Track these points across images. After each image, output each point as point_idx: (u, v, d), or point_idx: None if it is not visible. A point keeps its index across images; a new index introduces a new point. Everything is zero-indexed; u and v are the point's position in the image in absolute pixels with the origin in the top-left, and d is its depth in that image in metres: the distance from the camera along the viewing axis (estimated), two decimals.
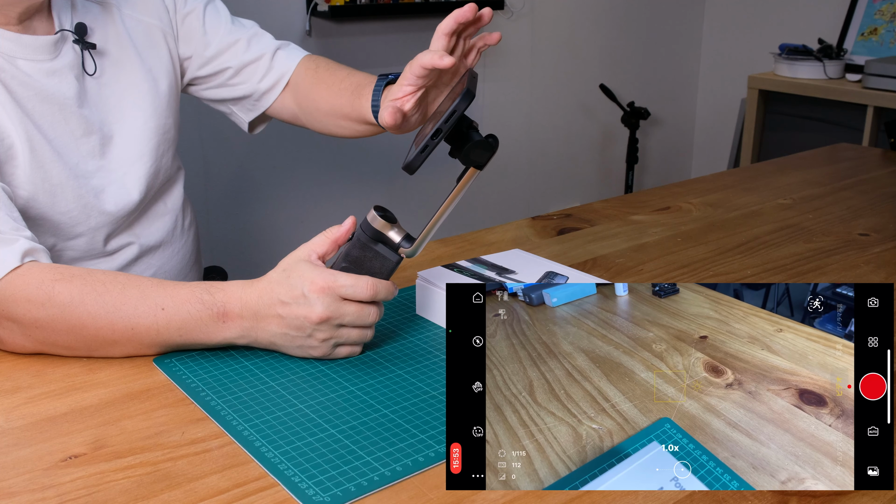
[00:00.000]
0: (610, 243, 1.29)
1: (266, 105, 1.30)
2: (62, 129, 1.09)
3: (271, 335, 0.88)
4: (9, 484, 0.70)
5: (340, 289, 0.86)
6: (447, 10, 2.80)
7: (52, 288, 0.87)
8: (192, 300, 0.87)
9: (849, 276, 1.16)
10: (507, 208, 3.25)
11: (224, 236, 2.59)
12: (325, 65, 1.28)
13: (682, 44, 3.62)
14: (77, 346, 0.89)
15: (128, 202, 1.17)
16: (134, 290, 0.88)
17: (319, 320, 0.85)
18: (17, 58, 1.05)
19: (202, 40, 1.26)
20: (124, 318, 0.87)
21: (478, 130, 0.89)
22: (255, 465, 0.73)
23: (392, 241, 0.90)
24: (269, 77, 1.28)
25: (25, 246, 0.91)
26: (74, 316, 0.87)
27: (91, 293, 0.87)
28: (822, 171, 1.74)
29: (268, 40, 1.29)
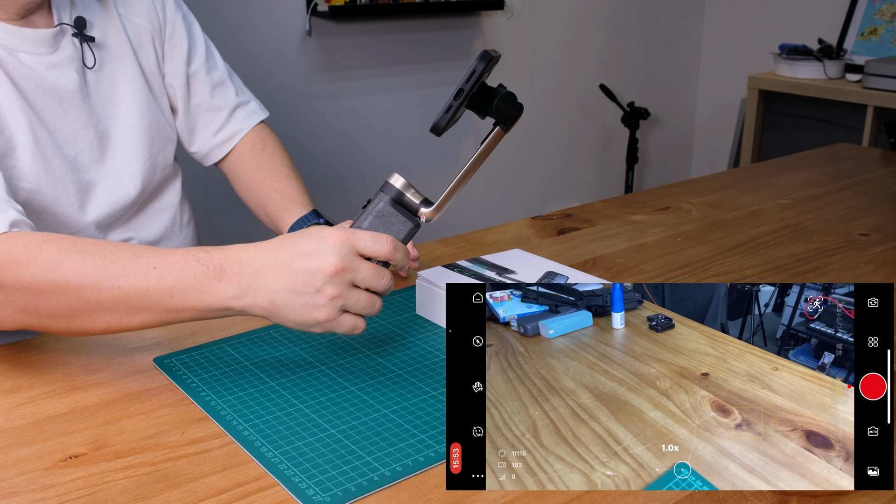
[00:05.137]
0: (610, 243, 1.29)
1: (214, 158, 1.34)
2: (62, 121, 1.10)
3: (273, 292, 0.80)
4: (9, 484, 0.70)
5: (359, 241, 0.81)
6: (447, 10, 2.81)
7: (39, 248, 0.83)
8: (187, 258, 0.82)
9: (849, 276, 1.16)
10: (507, 208, 3.25)
11: (224, 235, 2.59)
12: (270, 151, 1.31)
13: (682, 44, 3.62)
14: (60, 311, 0.83)
15: (124, 196, 1.17)
16: (126, 250, 0.83)
17: (334, 271, 0.79)
18: (18, 51, 1.05)
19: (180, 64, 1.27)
20: (112, 277, 0.81)
21: (504, 87, 0.88)
22: (255, 465, 0.73)
23: (412, 203, 0.87)
24: (222, 132, 1.31)
25: (14, 216, 0.88)
26: (59, 275, 0.81)
27: (79, 252, 0.82)
28: (822, 171, 1.74)
29: (231, 94, 1.31)
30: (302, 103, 2.68)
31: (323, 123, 2.74)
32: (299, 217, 1.18)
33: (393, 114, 2.88)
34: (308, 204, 1.21)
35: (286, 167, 1.28)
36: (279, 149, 1.32)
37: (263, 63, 2.53)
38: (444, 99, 3.41)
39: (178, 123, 1.29)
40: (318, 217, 1.18)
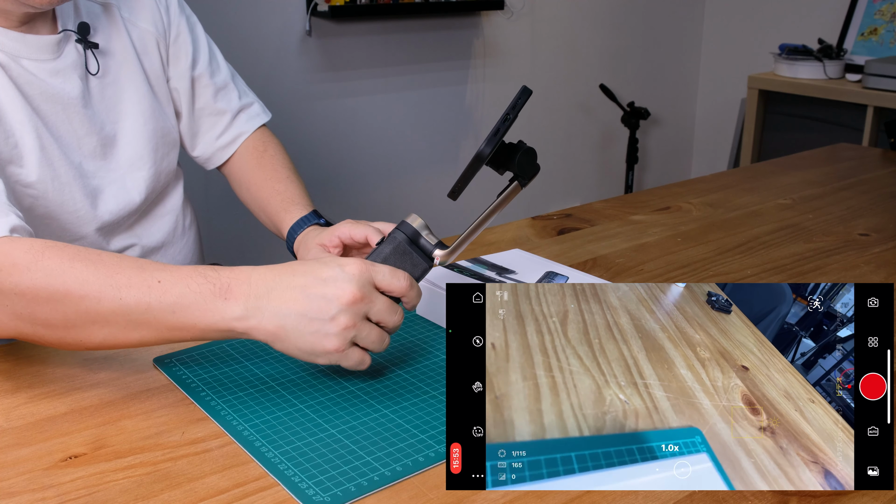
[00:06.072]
0: (610, 243, 1.29)
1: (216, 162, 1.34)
2: (66, 127, 1.09)
3: (282, 316, 0.77)
4: (9, 484, 0.70)
5: (377, 274, 0.81)
6: (447, 10, 2.81)
7: (42, 253, 0.80)
8: (193, 275, 0.79)
9: (849, 276, 1.16)
10: (508, 208, 3.24)
11: (224, 237, 2.59)
12: (272, 153, 1.31)
13: (682, 44, 3.62)
14: (56, 320, 0.80)
15: (128, 203, 1.17)
16: (131, 262, 0.81)
17: (352, 300, 0.77)
18: (21, 57, 1.05)
19: (185, 67, 1.27)
20: (114, 288, 0.78)
21: (525, 143, 0.91)
22: (255, 465, 0.73)
23: (427, 244, 0.90)
24: (224, 136, 1.31)
25: (14, 221, 0.86)
26: (60, 282, 0.78)
27: (83, 260, 0.80)
28: (822, 171, 1.74)
29: (234, 97, 1.31)
30: (302, 103, 2.68)
31: (323, 123, 2.74)
32: (299, 217, 1.18)
33: (393, 114, 2.88)
34: (308, 205, 1.21)
35: (287, 169, 1.28)
36: (280, 151, 1.32)
37: (263, 63, 2.53)
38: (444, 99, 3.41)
39: (181, 127, 1.29)
40: (318, 217, 1.18)
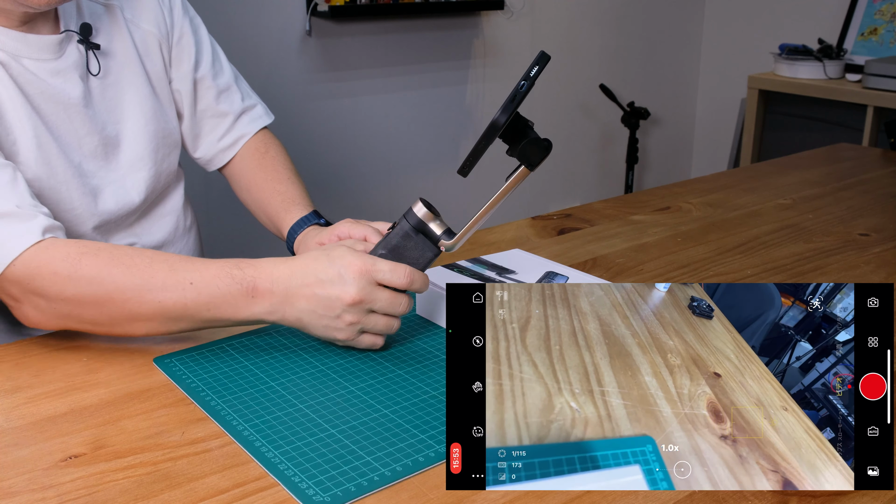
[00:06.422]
0: (610, 243, 1.29)
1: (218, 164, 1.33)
2: (66, 127, 1.09)
3: (299, 311, 0.87)
4: (9, 484, 0.70)
5: (378, 273, 0.87)
6: (447, 10, 2.81)
7: (79, 261, 0.87)
8: (221, 275, 0.87)
9: (849, 276, 1.16)
10: (508, 208, 3.25)
11: (224, 237, 2.59)
12: (273, 154, 1.31)
13: (682, 44, 3.62)
14: (102, 320, 0.89)
15: (128, 203, 1.17)
16: (162, 264, 0.88)
17: (352, 302, 0.86)
18: (22, 57, 1.05)
19: (188, 68, 1.27)
20: (152, 292, 0.86)
21: (534, 129, 0.89)
22: (255, 465, 0.73)
23: (433, 232, 0.91)
24: (226, 138, 1.31)
25: (45, 222, 0.91)
26: (102, 289, 0.86)
27: (119, 266, 0.87)
28: (822, 171, 1.74)
29: (236, 99, 1.31)
30: (302, 103, 2.68)
31: (323, 123, 2.74)
32: (299, 217, 1.19)
33: (393, 114, 2.88)
34: (308, 205, 1.22)
35: (288, 170, 1.29)
36: (281, 152, 1.32)
37: (263, 63, 2.53)
38: (443, 99, 3.40)
39: (183, 129, 1.28)
40: (318, 218, 1.19)
